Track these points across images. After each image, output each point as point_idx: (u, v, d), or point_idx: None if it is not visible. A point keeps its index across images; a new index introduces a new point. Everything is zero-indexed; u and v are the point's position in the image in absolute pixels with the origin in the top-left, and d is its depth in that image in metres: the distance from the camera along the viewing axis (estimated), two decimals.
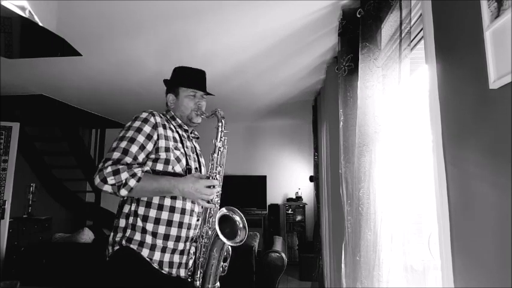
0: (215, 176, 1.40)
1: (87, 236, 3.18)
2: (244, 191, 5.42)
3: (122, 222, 1.34)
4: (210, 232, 1.38)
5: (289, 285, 4.10)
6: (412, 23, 1.28)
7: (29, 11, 1.28)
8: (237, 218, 1.40)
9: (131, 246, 1.29)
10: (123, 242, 1.29)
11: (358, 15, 1.56)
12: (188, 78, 1.52)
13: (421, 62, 1.36)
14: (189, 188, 1.29)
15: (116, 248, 1.30)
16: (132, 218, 1.32)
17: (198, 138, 1.64)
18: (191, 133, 1.57)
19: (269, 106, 4.41)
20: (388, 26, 1.43)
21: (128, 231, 1.31)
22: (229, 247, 1.45)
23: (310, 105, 4.25)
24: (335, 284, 2.27)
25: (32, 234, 4.15)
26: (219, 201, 1.42)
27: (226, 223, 1.38)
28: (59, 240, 3.19)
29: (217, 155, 1.43)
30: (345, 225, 1.60)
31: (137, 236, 1.30)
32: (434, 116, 1.00)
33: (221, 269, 1.41)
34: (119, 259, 1.30)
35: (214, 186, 1.34)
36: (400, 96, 1.20)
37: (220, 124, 1.45)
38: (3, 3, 1.18)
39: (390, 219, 1.23)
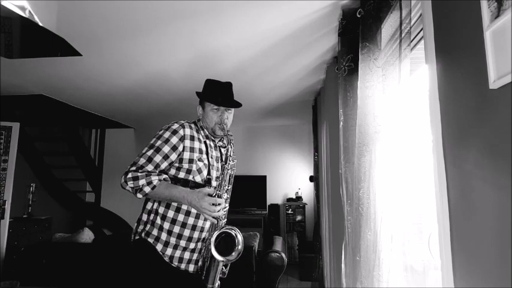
0: (222, 194, 1.51)
1: (87, 236, 3.18)
2: (244, 191, 5.41)
3: (145, 217, 1.54)
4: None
5: (289, 285, 4.10)
6: (412, 23, 1.28)
7: (29, 11, 1.28)
8: (239, 238, 1.45)
9: (148, 239, 1.49)
10: (143, 234, 1.50)
11: (358, 15, 1.56)
12: (212, 92, 1.63)
13: (421, 62, 1.36)
14: (195, 202, 1.44)
15: (137, 237, 1.52)
16: (153, 215, 1.52)
17: (225, 147, 1.72)
18: (218, 142, 1.69)
19: (269, 106, 4.41)
20: (388, 26, 1.43)
21: (148, 226, 1.51)
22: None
23: (310, 105, 4.25)
24: (335, 284, 2.27)
25: (32, 234, 4.15)
26: (225, 216, 1.53)
27: (228, 239, 1.45)
28: (59, 240, 3.19)
29: (226, 176, 1.55)
30: (345, 225, 1.60)
31: (155, 232, 1.49)
32: (434, 116, 1.00)
33: (221, 272, 1.51)
34: (137, 250, 1.52)
35: (219, 204, 1.46)
36: (400, 96, 1.20)
37: (229, 147, 1.59)
38: (3, 3, 1.18)
39: (390, 219, 1.23)
